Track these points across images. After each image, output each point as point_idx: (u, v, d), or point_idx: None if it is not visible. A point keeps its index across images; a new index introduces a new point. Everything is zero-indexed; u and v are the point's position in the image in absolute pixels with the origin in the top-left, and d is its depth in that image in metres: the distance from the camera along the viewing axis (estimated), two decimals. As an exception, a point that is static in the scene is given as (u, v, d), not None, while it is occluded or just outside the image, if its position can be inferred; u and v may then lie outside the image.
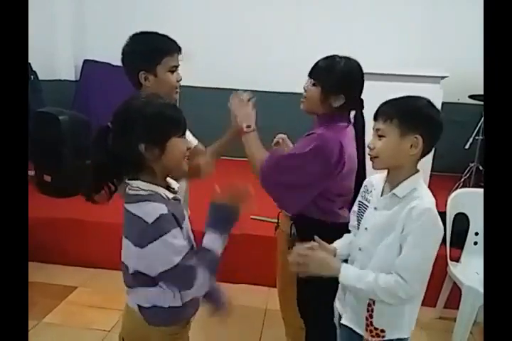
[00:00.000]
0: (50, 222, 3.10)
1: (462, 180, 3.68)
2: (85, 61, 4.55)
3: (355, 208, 1.54)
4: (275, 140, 1.99)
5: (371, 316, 1.40)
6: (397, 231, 1.32)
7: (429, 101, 1.35)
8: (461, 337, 2.26)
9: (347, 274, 1.36)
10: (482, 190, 2.70)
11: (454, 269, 2.44)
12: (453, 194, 2.47)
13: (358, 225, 1.48)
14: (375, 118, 1.37)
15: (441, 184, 3.48)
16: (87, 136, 3.49)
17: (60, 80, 4.56)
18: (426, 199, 1.33)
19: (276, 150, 1.84)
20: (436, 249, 1.32)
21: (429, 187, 3.82)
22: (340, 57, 1.70)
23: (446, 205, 2.44)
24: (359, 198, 1.52)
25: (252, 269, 2.93)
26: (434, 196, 1.37)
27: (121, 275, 1.35)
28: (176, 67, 1.67)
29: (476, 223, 2.47)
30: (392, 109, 1.33)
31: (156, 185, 1.27)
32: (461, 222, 2.51)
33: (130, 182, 1.27)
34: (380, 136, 1.33)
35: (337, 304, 1.57)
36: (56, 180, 3.43)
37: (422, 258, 1.30)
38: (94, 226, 3.10)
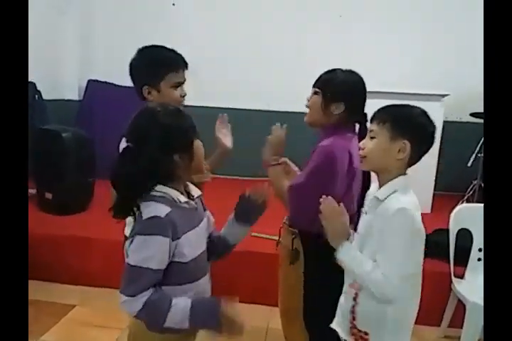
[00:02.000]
0: (48, 239, 3.08)
1: (466, 197, 3.67)
2: (89, 81, 4.61)
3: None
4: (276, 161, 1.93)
5: (354, 318, 1.42)
6: (374, 233, 1.37)
7: (423, 111, 1.42)
8: (466, 355, 2.21)
9: (348, 252, 1.39)
10: (485, 205, 2.66)
11: (459, 286, 2.41)
12: (455, 209, 2.45)
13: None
14: (371, 120, 1.44)
15: (444, 203, 3.48)
16: (90, 154, 3.53)
17: (64, 100, 4.60)
18: (402, 199, 1.35)
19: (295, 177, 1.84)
20: (417, 248, 1.36)
21: (432, 206, 3.82)
22: (343, 70, 1.80)
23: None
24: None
25: (253, 287, 2.89)
26: (438, 215, 1.38)
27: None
28: (180, 83, 1.67)
29: (480, 239, 2.44)
30: (386, 114, 1.40)
31: (171, 188, 1.31)
32: (465, 238, 2.48)
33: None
34: (372, 138, 1.40)
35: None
36: (57, 197, 3.43)
37: (399, 256, 1.32)
38: (93, 243, 3.08)
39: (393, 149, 1.36)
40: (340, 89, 1.74)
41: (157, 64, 1.64)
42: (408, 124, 1.37)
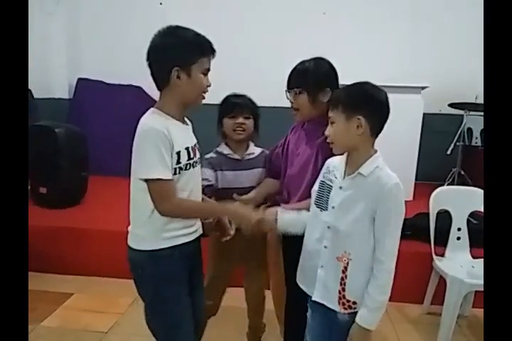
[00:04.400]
0: (43, 231, 3.14)
1: (446, 184, 3.81)
2: (79, 79, 4.68)
3: (315, 187, 1.62)
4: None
5: (343, 289, 1.49)
6: (365, 207, 1.43)
7: (371, 85, 1.47)
8: (448, 326, 2.33)
9: (372, 317, 1.44)
10: (463, 187, 2.81)
11: (440, 263, 2.53)
12: (435, 191, 2.56)
13: (322, 205, 1.56)
14: (329, 108, 1.51)
15: (425, 190, 3.59)
16: (84, 148, 3.60)
17: (54, 98, 4.67)
18: (391, 174, 1.45)
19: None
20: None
21: (414, 193, 3.91)
22: (307, 61, 1.81)
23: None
24: (321, 178, 1.61)
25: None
26: (419, 201, 1.46)
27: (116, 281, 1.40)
28: (208, 70, 1.55)
29: (459, 219, 2.58)
30: (336, 98, 1.48)
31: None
32: (444, 220, 2.60)
33: None
34: (332, 123, 1.47)
35: (302, 286, 1.64)
36: (52, 191, 3.50)
37: (399, 228, 1.44)
38: (87, 235, 3.15)
39: (351, 127, 1.42)
40: (319, 77, 1.76)
41: (192, 45, 1.50)
42: (357, 101, 1.43)
